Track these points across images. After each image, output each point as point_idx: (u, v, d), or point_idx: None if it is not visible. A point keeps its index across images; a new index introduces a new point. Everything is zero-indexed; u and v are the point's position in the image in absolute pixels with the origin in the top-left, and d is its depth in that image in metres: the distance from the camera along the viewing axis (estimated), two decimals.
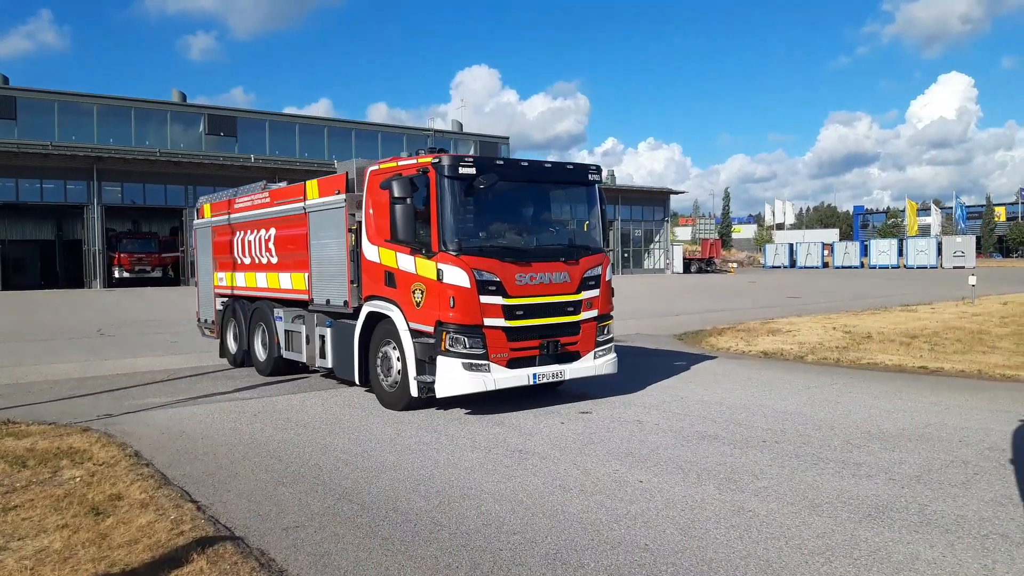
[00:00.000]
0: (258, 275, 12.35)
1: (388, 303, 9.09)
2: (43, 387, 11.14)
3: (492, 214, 9.04)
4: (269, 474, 6.45)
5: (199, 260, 14.99)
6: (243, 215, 12.79)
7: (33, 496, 5.68)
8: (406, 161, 8.96)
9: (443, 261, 8.36)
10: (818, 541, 4.69)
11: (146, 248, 48.22)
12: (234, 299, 13.35)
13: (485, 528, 5.03)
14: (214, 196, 14.63)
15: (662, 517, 5.18)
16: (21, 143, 44.36)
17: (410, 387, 8.67)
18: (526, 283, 8.64)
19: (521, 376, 8.62)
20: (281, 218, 11.55)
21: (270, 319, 11.94)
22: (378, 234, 9.25)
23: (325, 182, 10.44)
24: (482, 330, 8.38)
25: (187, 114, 53.64)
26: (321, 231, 10.49)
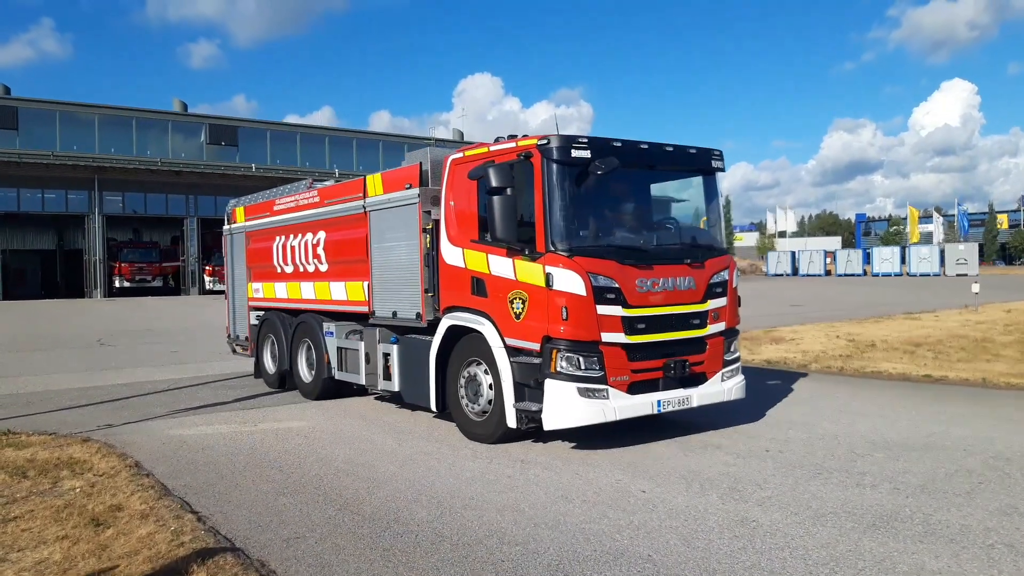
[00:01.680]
0: (303, 285, 10.92)
1: (476, 315, 7.72)
2: (43, 397, 11.12)
3: (605, 206, 7.83)
4: (270, 484, 6.42)
5: (230, 270, 13.50)
6: (285, 218, 11.36)
7: (33, 507, 5.65)
8: (502, 145, 7.62)
9: (552, 263, 7.00)
10: (822, 552, 4.66)
11: (147, 257, 48.37)
12: (273, 313, 11.91)
13: (487, 539, 4.99)
14: (249, 198, 13.21)
15: (665, 527, 5.15)
16: (23, 153, 44.45)
17: (506, 416, 7.32)
18: (647, 290, 7.31)
19: (644, 404, 7.23)
20: (333, 219, 10.16)
21: (318, 335, 10.50)
22: (462, 234, 7.95)
23: (392, 176, 9.06)
24: (599, 347, 7.01)
25: (188, 124, 53.76)
26: (386, 232, 9.08)
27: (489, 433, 7.69)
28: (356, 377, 9.78)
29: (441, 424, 8.80)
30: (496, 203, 7.11)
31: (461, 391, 8.00)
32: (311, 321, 10.78)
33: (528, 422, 7.25)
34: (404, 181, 8.71)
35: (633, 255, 7.40)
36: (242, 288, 12.86)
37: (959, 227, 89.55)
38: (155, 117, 52.27)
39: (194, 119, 54.47)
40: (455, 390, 8.06)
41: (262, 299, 12.19)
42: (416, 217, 8.49)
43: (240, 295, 13.00)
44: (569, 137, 7.14)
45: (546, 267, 7.04)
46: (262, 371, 12.19)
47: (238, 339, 13.24)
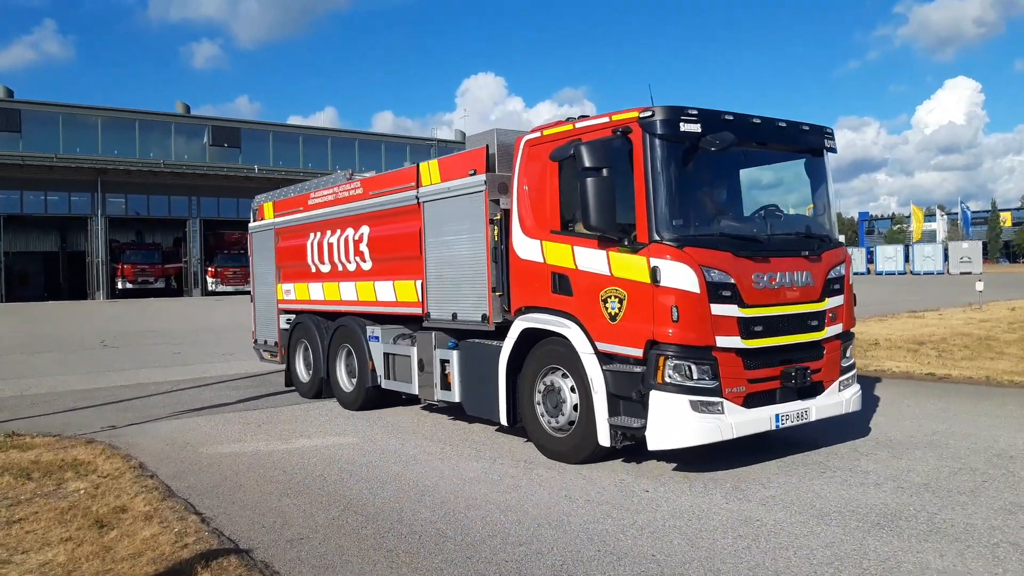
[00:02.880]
0: (343, 285, 10.04)
1: (558, 316, 6.85)
2: (47, 399, 11.14)
3: (713, 189, 7.04)
4: (273, 485, 6.43)
5: (256, 270, 12.54)
6: (321, 212, 10.43)
7: (37, 509, 5.66)
8: (591, 120, 6.74)
9: (658, 255, 6.07)
10: (826, 551, 4.65)
11: (149, 259, 48.47)
12: (306, 316, 11.00)
13: (491, 539, 4.99)
14: (278, 192, 12.39)
15: (669, 527, 5.14)
16: (26, 155, 44.56)
17: (597, 433, 6.43)
18: (764, 286, 6.42)
19: (761, 419, 6.36)
20: (379, 213, 9.24)
21: (360, 340, 9.64)
22: (540, 224, 7.07)
23: (451, 161, 8.20)
24: (713, 353, 6.14)
25: (191, 125, 53.85)
26: (445, 225, 8.15)
27: (573, 451, 6.78)
28: (407, 386, 8.91)
29: (444, 424, 8.79)
30: (590, 186, 6.16)
31: (538, 403, 7.11)
32: (352, 325, 9.89)
33: (623, 440, 6.40)
34: (467, 167, 7.80)
35: (748, 246, 6.49)
36: (270, 289, 11.95)
37: (962, 225, 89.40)
38: (158, 119, 52.38)
39: (197, 121, 54.56)
40: (530, 402, 7.18)
41: (294, 301, 11.28)
42: (482, 207, 7.58)
43: (268, 297, 12.08)
44: (677, 109, 6.24)
45: (651, 260, 6.09)
46: (294, 379, 11.30)
47: (266, 345, 12.25)
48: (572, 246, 6.76)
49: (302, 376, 11.11)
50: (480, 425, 8.58)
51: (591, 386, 6.47)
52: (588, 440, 6.59)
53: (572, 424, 6.80)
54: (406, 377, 8.90)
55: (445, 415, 9.08)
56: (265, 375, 13.24)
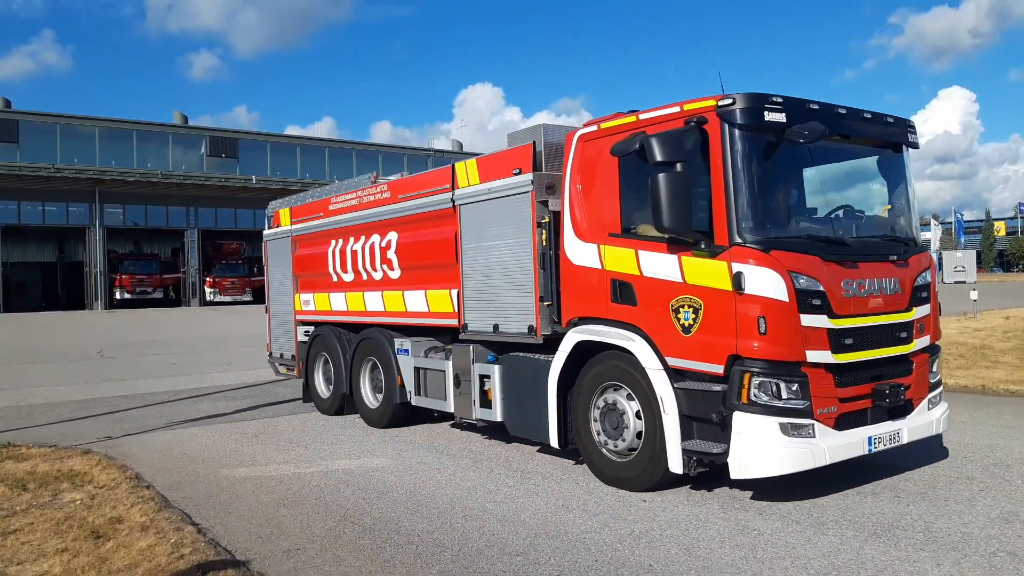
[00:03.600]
0: (367, 295, 9.45)
1: (620, 328, 6.24)
2: (43, 410, 11.11)
3: (795, 186, 6.52)
4: (270, 496, 6.41)
5: (272, 279, 11.95)
6: (344, 218, 9.86)
7: (33, 519, 5.64)
8: (658, 111, 6.06)
9: (741, 259, 5.47)
10: (823, 560, 4.65)
11: (147, 269, 48.39)
12: (327, 327, 10.40)
13: (488, 549, 4.99)
14: (296, 197, 11.86)
15: (666, 536, 5.14)
16: (23, 166, 44.59)
17: (668, 458, 5.82)
18: (854, 294, 5.83)
19: (855, 442, 5.75)
20: (409, 217, 8.64)
21: (387, 353, 9.06)
22: (596, 226, 6.47)
23: (492, 160, 7.55)
24: (803, 369, 5.56)
25: (189, 136, 53.92)
26: (484, 230, 7.55)
27: (638, 478, 6.16)
28: (441, 403, 8.34)
29: (441, 433, 8.78)
30: (662, 183, 5.51)
31: (594, 424, 6.51)
32: (378, 337, 9.29)
33: (699, 467, 5.81)
34: (510, 166, 7.20)
35: (836, 249, 5.91)
36: (286, 300, 11.33)
37: (956, 234, 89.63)
38: (155, 129, 52.45)
39: (194, 131, 54.64)
40: (585, 423, 6.58)
41: (313, 312, 10.68)
42: (528, 209, 6.98)
43: (284, 308, 11.46)
44: (760, 96, 5.66)
45: (733, 264, 5.49)
46: (312, 395, 10.70)
47: (282, 358, 11.61)
48: (636, 250, 6.14)
49: (322, 391, 10.53)
50: (477, 435, 8.56)
51: (661, 406, 5.85)
52: (656, 466, 5.97)
53: (635, 448, 6.19)
54: (439, 393, 8.33)
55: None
56: (262, 385, 13.24)
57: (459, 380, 7.96)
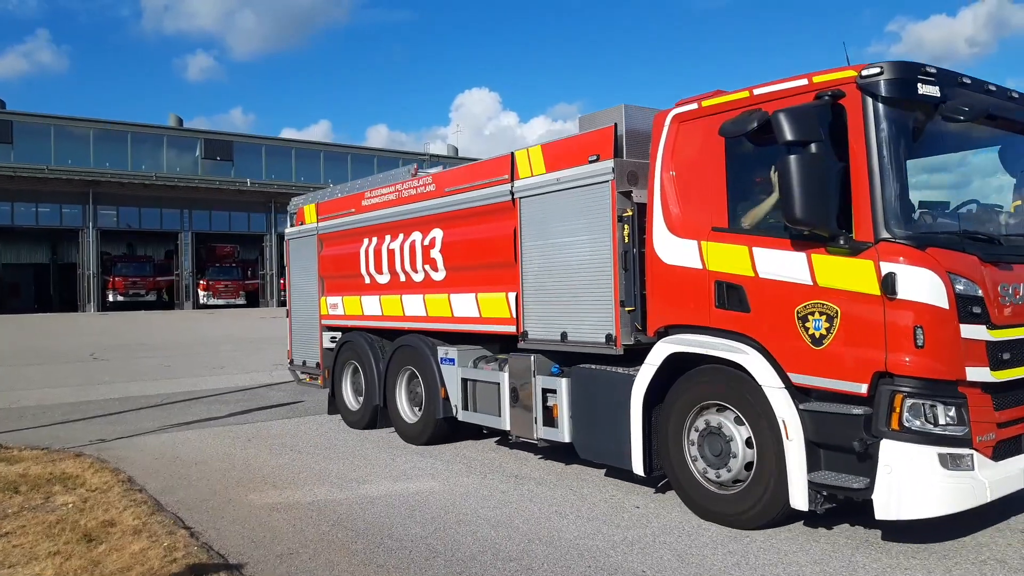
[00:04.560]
0: (407, 298, 8.65)
1: (727, 338, 5.36)
2: (36, 412, 11.07)
3: (945, 172, 5.87)
4: (263, 500, 6.41)
5: (293, 281, 11.09)
6: (379, 215, 9.06)
7: (25, 522, 5.63)
8: (780, 84, 5.22)
9: (891, 257, 4.68)
10: (815, 567, 4.67)
11: (141, 272, 48.25)
12: (357, 333, 9.59)
13: (481, 555, 4.99)
14: (323, 193, 11.05)
15: (659, 543, 5.15)
16: (17, 167, 44.42)
17: (789, 492, 5.00)
18: (1010, 301, 5.01)
19: (1014, 474, 4.93)
20: (458, 213, 7.86)
21: (429, 362, 8.25)
22: (696, 219, 5.60)
23: (561, 147, 6.78)
24: (961, 389, 4.75)
25: (184, 138, 53.81)
26: (551, 225, 6.77)
27: (747, 513, 5.29)
28: (493, 420, 7.52)
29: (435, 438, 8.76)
30: (794, 167, 4.73)
31: (690, 449, 5.67)
32: (418, 344, 8.49)
33: (827, 503, 5.02)
34: (584, 152, 6.41)
35: (992, 248, 5.10)
36: (310, 303, 10.52)
37: None
38: (150, 132, 52.35)
39: (189, 134, 54.54)
40: (677, 447, 5.73)
41: (341, 316, 9.86)
42: (607, 201, 6.19)
43: (307, 312, 10.65)
44: (913, 66, 4.88)
45: (883, 263, 4.68)
46: (339, 406, 9.93)
47: (304, 366, 10.77)
48: (749, 247, 5.28)
49: (350, 403, 9.76)
50: (471, 440, 8.56)
51: (782, 431, 4.99)
52: (772, 501, 5.13)
53: (742, 479, 5.35)
54: (491, 408, 7.51)
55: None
56: (255, 389, 13.22)
57: (516, 394, 7.15)
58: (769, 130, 4.88)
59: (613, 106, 6.55)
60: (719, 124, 5.41)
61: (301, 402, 11.67)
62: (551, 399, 6.83)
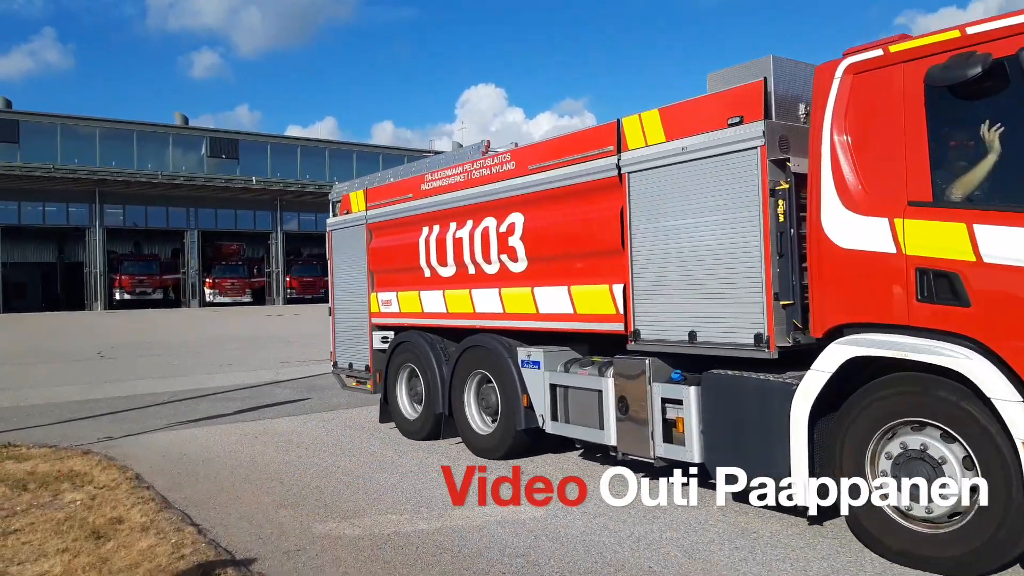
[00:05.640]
0: (478, 293, 7.65)
1: (936, 339, 4.39)
2: (44, 410, 11.12)
3: None
4: (270, 496, 6.42)
5: (337, 277, 10.15)
6: (443, 199, 8.05)
7: (33, 520, 5.65)
8: (1000, 20, 4.27)
9: None
10: (823, 563, 4.66)
11: (147, 270, 48.44)
12: (416, 333, 8.60)
13: (488, 551, 4.99)
14: (372, 178, 10.06)
15: (665, 539, 5.15)
16: (23, 166, 44.61)
17: None
18: None
19: None
20: (544, 194, 6.85)
21: (506, 366, 7.25)
22: (885, 192, 4.63)
23: (686, 110, 5.71)
24: None
25: (189, 137, 53.95)
26: (672, 203, 5.70)
27: (969, 556, 4.28)
28: (593, 433, 6.45)
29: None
30: None
31: (879, 479, 4.65)
32: (492, 345, 7.48)
33: None
34: (722, 114, 5.40)
35: None
36: (357, 300, 9.56)
37: None
38: (156, 130, 52.51)
39: (195, 132, 54.69)
40: (858, 473, 4.70)
41: (396, 314, 8.88)
42: (755, 172, 5.17)
43: (353, 310, 9.70)
44: None
45: None
46: (394, 415, 8.96)
47: (350, 369, 9.78)
48: (968, 224, 4.26)
49: (406, 411, 8.81)
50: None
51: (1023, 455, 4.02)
52: (1008, 541, 4.16)
53: (960, 513, 4.35)
54: (590, 420, 6.45)
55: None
56: (262, 386, 13.25)
57: (626, 404, 6.09)
58: (1000, 76, 4.13)
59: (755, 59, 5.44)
60: (914, 73, 4.51)
61: (308, 399, 11.69)
62: (672, 411, 5.79)
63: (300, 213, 52.22)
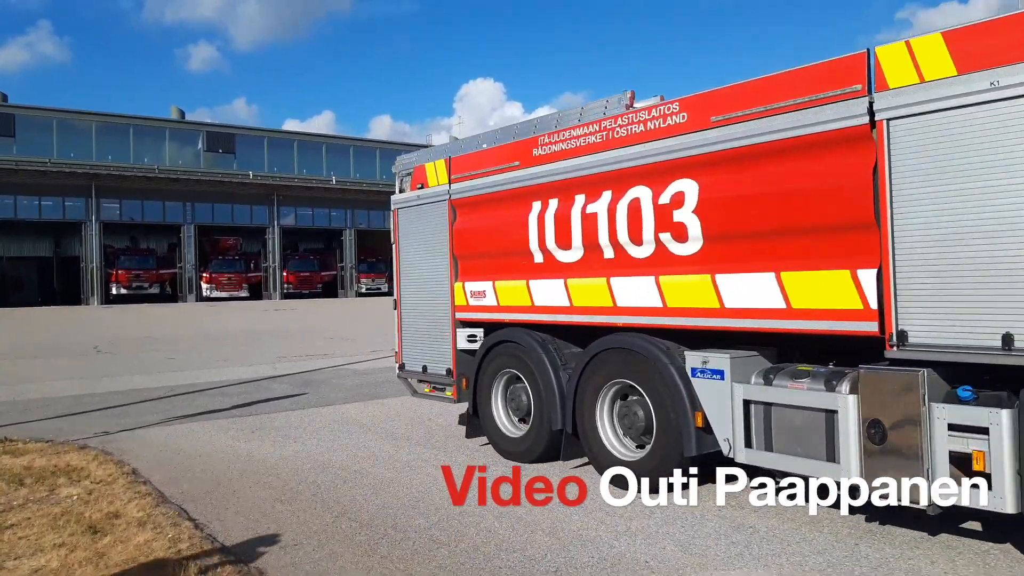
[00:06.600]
0: (620, 282, 6.21)
1: None
2: (40, 405, 11.10)
3: None
4: (267, 491, 6.43)
5: (405, 264, 8.61)
6: (568, 166, 6.62)
7: (30, 514, 5.65)
8: None
9: None
10: (819, 558, 4.68)
11: (144, 265, 48.36)
12: (521, 331, 7.22)
13: (484, 546, 5.00)
14: (448, 147, 8.84)
15: (662, 533, 5.16)
16: (19, 160, 44.50)
17: None
18: None
19: None
20: (735, 152, 5.38)
21: (664, 374, 5.79)
22: None
23: (989, 31, 4.31)
24: None
25: (185, 131, 53.86)
26: (964, 159, 4.31)
27: None
28: (819, 466, 5.01)
29: (439, 431, 8.78)
30: None
31: None
32: (642, 347, 6.00)
33: None
34: None
35: None
36: (435, 291, 8.10)
37: None
38: (152, 124, 52.39)
39: (191, 126, 54.58)
40: None
41: (491, 308, 7.46)
42: None
43: (428, 303, 8.23)
44: None
45: None
46: (487, 429, 7.61)
47: (424, 373, 8.31)
48: None
49: (504, 426, 7.45)
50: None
51: None
52: None
53: None
54: (812, 449, 5.03)
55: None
56: (259, 381, 13.24)
57: (881, 430, 4.66)
58: None
59: None
60: None
61: (304, 394, 11.69)
62: (962, 442, 4.37)
63: (297, 208, 52.15)
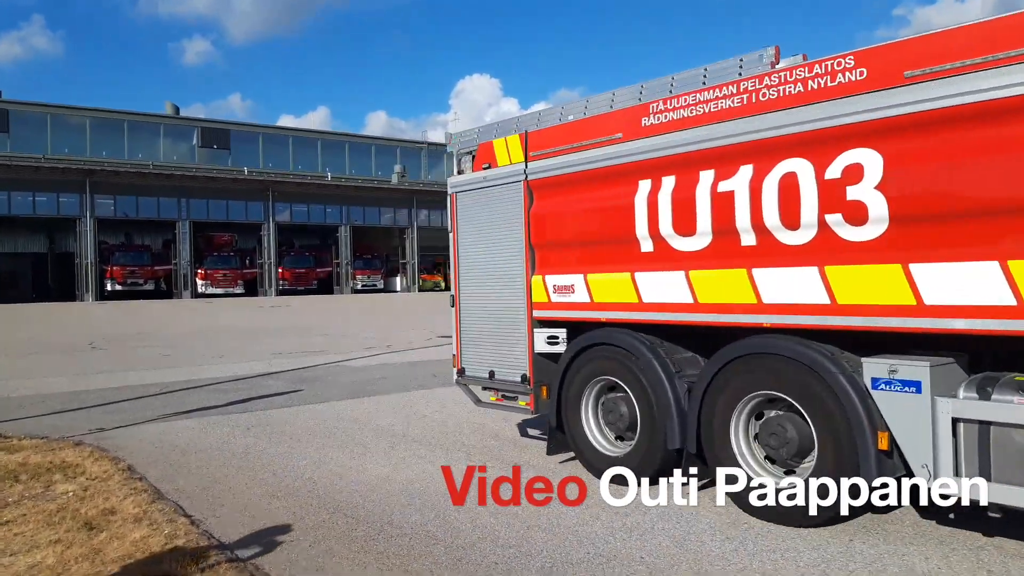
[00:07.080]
0: (764, 273, 5.26)
1: None
2: (35, 401, 11.08)
3: None
4: (263, 488, 6.43)
5: (464, 254, 7.70)
6: (697, 136, 5.61)
7: (25, 511, 5.64)
8: None
9: None
10: (813, 553, 4.70)
11: (139, 261, 48.30)
12: (619, 331, 6.32)
13: (480, 542, 5.01)
14: (526, 118, 7.49)
15: (657, 529, 5.18)
16: (13, 156, 44.37)
17: None
18: None
19: None
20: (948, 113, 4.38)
21: (833, 385, 4.83)
22: None
23: None
24: None
25: (180, 127, 53.74)
26: None
27: None
28: None
29: (435, 428, 8.79)
30: None
31: None
32: (798, 353, 5.06)
33: None
34: None
35: None
36: (504, 286, 7.24)
37: None
38: (147, 120, 52.28)
39: (186, 122, 54.45)
40: None
41: (582, 305, 6.56)
42: None
43: (494, 299, 7.38)
44: None
45: None
46: (579, 445, 6.70)
47: (491, 379, 7.42)
48: None
49: (598, 442, 6.57)
50: (469, 428, 8.58)
51: None
52: None
53: None
54: None
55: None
56: (254, 378, 13.22)
57: None
58: None
59: None
60: None
61: (300, 391, 11.68)
62: None
63: (292, 204, 52.05)
